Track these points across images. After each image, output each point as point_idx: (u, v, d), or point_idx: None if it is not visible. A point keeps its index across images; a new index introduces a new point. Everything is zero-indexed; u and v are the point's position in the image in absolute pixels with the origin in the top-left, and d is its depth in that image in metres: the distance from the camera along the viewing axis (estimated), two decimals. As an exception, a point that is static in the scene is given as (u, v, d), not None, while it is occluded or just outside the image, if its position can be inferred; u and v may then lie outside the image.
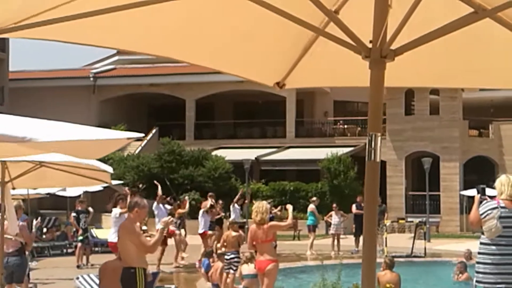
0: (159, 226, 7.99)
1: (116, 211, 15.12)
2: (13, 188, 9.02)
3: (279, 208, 23.32)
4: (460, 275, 14.86)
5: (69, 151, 5.94)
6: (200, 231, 19.14)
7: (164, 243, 17.22)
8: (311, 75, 3.81)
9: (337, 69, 3.65)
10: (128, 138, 5.66)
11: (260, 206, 10.18)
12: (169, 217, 8.63)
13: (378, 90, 2.84)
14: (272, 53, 3.53)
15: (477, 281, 7.44)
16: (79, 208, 19.43)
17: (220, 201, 22.95)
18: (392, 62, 2.86)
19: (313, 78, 3.94)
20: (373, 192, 2.83)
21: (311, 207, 23.10)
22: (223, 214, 22.02)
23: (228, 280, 13.28)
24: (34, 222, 19.41)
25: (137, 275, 7.49)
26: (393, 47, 2.82)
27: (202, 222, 19.24)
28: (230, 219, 19.84)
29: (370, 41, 2.81)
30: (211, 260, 14.98)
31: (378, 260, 11.20)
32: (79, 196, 22.93)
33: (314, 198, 24.30)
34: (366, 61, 2.82)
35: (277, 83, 3.76)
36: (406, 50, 2.84)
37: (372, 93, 2.84)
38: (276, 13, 2.76)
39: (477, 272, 7.46)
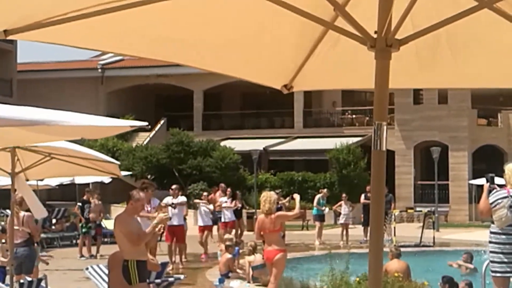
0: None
1: None
2: (27, 180, 9.04)
3: (287, 199, 23.33)
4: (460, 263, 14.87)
5: (75, 134, 6.00)
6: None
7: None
8: (318, 77, 3.83)
9: (343, 71, 3.68)
10: (131, 126, 5.69)
11: (268, 196, 10.18)
12: (166, 213, 8.51)
13: (384, 79, 2.85)
14: (278, 56, 3.53)
15: (492, 271, 7.43)
16: (84, 198, 19.56)
17: (238, 192, 22.95)
18: (398, 65, 2.87)
19: (320, 80, 3.97)
20: (379, 181, 2.85)
21: (316, 198, 23.17)
22: (239, 205, 22.01)
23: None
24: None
25: (129, 267, 7.50)
26: (398, 37, 2.84)
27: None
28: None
29: (375, 32, 2.82)
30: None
31: (386, 249, 11.12)
32: (88, 185, 23.01)
33: (324, 190, 24.22)
34: (372, 51, 2.83)
35: (285, 86, 3.77)
36: (411, 40, 2.86)
37: (378, 82, 2.85)
38: (283, 7, 2.75)
39: (491, 262, 7.46)
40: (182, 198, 16.56)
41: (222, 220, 19.80)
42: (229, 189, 20.83)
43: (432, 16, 2.86)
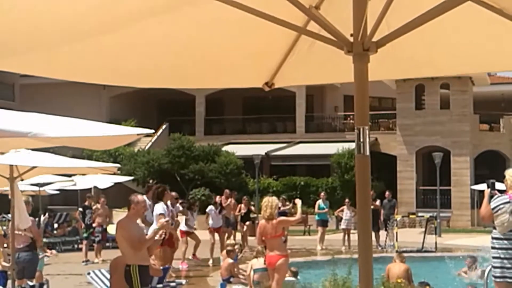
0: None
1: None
2: (22, 179, 9.03)
3: (290, 205, 23.32)
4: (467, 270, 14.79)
5: (79, 144, 6.03)
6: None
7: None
8: (300, 73, 3.80)
9: (323, 65, 3.63)
10: (138, 134, 5.71)
11: (269, 201, 10.16)
12: (167, 218, 8.47)
13: (363, 83, 2.80)
14: (257, 55, 3.51)
15: (493, 276, 7.42)
16: (86, 204, 19.55)
17: (245, 197, 22.81)
18: (375, 56, 2.82)
19: (301, 76, 3.94)
20: (364, 187, 2.81)
21: (317, 203, 23.13)
22: (244, 211, 21.90)
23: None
24: (42, 217, 19.47)
25: (132, 272, 7.49)
26: (374, 39, 2.78)
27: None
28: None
29: (351, 35, 2.78)
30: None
31: (389, 254, 11.12)
32: (90, 190, 23.01)
33: (322, 194, 24.23)
34: (349, 55, 2.78)
35: (266, 83, 3.75)
36: (388, 41, 2.80)
37: (357, 86, 2.80)
38: (256, 15, 2.72)
39: (493, 267, 7.45)
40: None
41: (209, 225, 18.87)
42: (217, 198, 19.61)
43: (408, 12, 2.76)
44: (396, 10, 2.81)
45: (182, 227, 17.62)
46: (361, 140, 2.75)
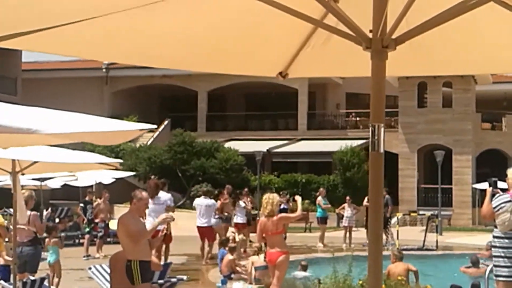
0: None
1: (204, 201, 16.63)
2: (23, 174, 9.05)
3: (287, 197, 23.34)
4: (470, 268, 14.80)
5: (81, 139, 6.05)
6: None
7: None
8: (314, 64, 3.77)
9: (339, 58, 3.60)
10: (140, 130, 5.69)
11: (270, 198, 10.16)
12: (169, 213, 8.49)
13: (380, 81, 2.80)
14: (273, 44, 3.49)
15: (494, 275, 7.43)
16: (87, 199, 19.61)
17: (245, 190, 22.80)
18: (390, 54, 2.80)
19: (316, 67, 3.92)
20: (378, 183, 2.81)
21: (318, 199, 23.11)
22: (250, 207, 21.90)
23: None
24: (45, 212, 19.50)
25: (132, 267, 7.50)
26: (394, 36, 2.76)
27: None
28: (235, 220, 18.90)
29: (370, 31, 2.76)
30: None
31: (389, 253, 11.02)
32: (92, 186, 23.03)
33: (320, 189, 24.21)
34: (367, 51, 2.77)
35: (280, 73, 3.74)
36: (407, 39, 2.78)
37: (374, 84, 2.79)
38: (273, 6, 2.71)
39: (494, 266, 7.46)
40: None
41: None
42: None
43: (429, 10, 2.73)
44: (417, 7, 2.78)
45: (236, 219, 18.66)
46: (376, 137, 2.76)
